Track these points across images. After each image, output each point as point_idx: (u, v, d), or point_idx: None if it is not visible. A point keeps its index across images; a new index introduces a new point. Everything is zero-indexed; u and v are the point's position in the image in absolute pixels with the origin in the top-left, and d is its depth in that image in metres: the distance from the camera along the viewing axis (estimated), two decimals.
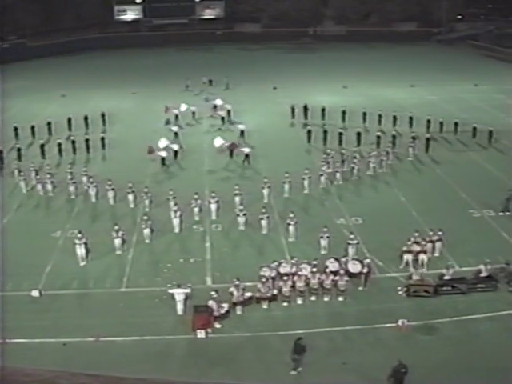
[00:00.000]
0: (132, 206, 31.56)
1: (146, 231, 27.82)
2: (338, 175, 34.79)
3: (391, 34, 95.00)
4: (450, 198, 32.58)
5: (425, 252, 25.27)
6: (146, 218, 28.35)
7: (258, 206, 30.19)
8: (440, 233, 25.97)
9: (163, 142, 39.24)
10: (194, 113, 48.84)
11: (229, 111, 48.33)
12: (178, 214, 28.72)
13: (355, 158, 35.88)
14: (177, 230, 28.79)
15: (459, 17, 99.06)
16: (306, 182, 33.27)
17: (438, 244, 25.95)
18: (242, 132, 43.10)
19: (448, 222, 28.92)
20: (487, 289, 23.49)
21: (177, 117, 47.33)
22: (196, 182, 34.47)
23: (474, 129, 42.52)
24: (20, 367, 19.35)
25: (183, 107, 48.39)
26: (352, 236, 26.16)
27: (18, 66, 73.18)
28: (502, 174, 35.59)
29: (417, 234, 25.75)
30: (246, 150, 38.50)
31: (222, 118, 47.64)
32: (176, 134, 43.17)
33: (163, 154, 37.94)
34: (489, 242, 27.40)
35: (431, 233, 26.13)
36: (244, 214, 28.92)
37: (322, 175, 34.17)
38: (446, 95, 56.34)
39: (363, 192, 33.81)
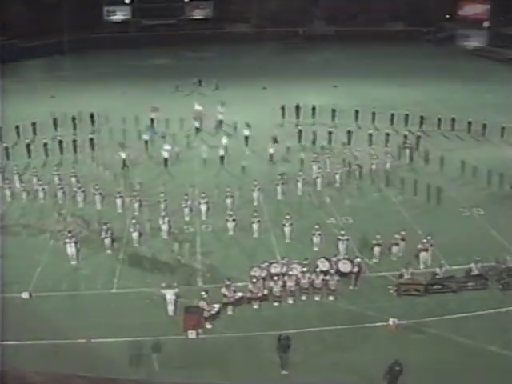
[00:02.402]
0: (120, 210, 31.29)
1: (135, 234, 27.67)
2: (337, 177, 34.28)
3: (380, 34, 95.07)
4: (439, 197, 32.66)
5: (426, 250, 25.30)
6: (134, 221, 28.21)
7: (249, 208, 30.16)
8: (403, 232, 25.98)
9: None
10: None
11: (221, 121, 46.61)
12: (166, 219, 28.39)
13: (357, 158, 35.77)
14: (165, 236, 28.46)
15: (448, 16, 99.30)
16: (299, 184, 32.96)
17: (394, 248, 26.01)
18: (247, 138, 41.13)
19: (438, 221, 29.13)
20: (477, 287, 23.59)
21: (152, 121, 45.61)
22: (187, 183, 34.47)
23: (469, 123, 43.44)
24: (10, 370, 19.20)
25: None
26: (342, 232, 26.26)
27: (8, 67, 72.63)
28: (492, 173, 35.67)
29: (378, 237, 25.71)
30: (271, 150, 38.06)
31: (220, 122, 46.29)
32: (146, 142, 41.10)
33: (123, 155, 37.12)
34: (478, 241, 27.49)
35: (397, 235, 26.02)
36: (233, 220, 28.57)
37: (317, 177, 33.90)
38: (436, 94, 56.47)
39: (356, 192, 33.85)
